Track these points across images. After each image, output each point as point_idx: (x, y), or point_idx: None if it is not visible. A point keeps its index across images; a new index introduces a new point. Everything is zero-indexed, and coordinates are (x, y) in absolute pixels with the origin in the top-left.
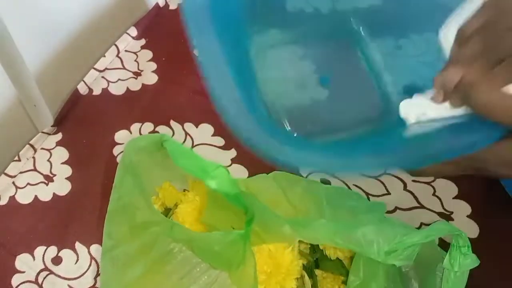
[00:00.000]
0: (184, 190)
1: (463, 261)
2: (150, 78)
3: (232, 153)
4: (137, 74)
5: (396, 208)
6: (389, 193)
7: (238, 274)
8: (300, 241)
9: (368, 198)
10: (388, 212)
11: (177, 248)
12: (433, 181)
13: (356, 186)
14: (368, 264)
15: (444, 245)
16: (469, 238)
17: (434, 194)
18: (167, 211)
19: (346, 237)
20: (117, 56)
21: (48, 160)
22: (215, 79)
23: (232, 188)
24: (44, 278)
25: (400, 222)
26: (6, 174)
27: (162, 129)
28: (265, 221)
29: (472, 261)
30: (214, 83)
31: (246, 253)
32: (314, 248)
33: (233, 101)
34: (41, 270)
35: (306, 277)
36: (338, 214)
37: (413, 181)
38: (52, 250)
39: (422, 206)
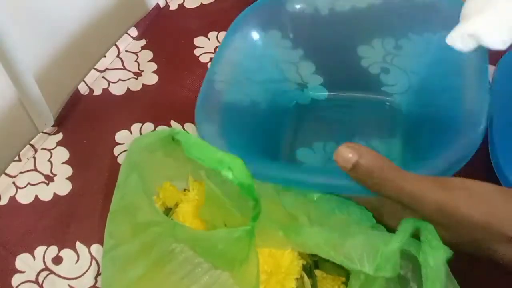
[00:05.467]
0: (185, 189)
1: (435, 253)
2: (151, 78)
3: None
4: (137, 74)
5: None
6: None
7: (241, 272)
8: None
9: None
10: None
11: (179, 248)
12: None
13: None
14: None
15: None
16: None
17: None
18: (168, 211)
19: (338, 249)
20: (118, 56)
21: (49, 160)
22: None
23: (247, 179)
24: (45, 278)
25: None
26: (7, 174)
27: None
28: (260, 224)
29: (444, 251)
30: None
31: (250, 250)
32: None
33: None
34: (42, 270)
35: (306, 277)
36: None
37: None
38: (53, 250)
39: None
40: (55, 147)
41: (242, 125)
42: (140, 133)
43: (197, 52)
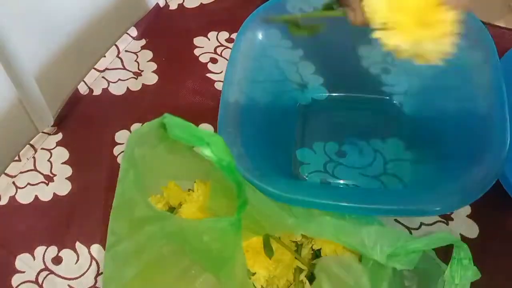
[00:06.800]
0: (189, 190)
1: (464, 273)
2: (150, 78)
3: None
4: (137, 74)
5: None
6: None
7: (228, 274)
8: (303, 248)
9: None
10: None
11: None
12: None
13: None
14: (372, 279)
15: (445, 257)
16: (469, 238)
17: None
18: (171, 210)
19: (350, 236)
20: (118, 56)
21: (48, 160)
22: None
23: (226, 156)
24: (44, 278)
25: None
26: (7, 174)
27: None
28: (268, 212)
29: (473, 273)
30: None
31: (236, 247)
32: (316, 255)
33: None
34: (41, 270)
35: (307, 284)
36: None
37: None
38: (52, 250)
39: None
40: (55, 147)
41: (241, 125)
42: None
43: (197, 52)
